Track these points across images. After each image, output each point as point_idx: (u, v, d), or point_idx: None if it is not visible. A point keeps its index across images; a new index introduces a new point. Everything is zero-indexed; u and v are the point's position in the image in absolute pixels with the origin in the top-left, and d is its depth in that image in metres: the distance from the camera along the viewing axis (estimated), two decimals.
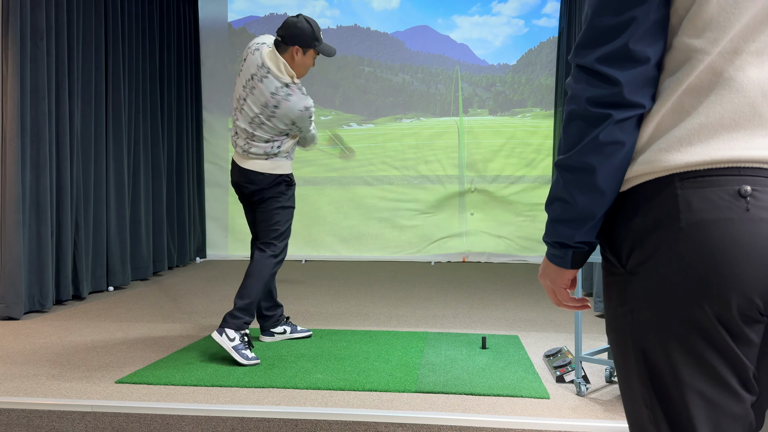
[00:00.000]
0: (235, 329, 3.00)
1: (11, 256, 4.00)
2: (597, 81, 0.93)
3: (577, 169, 0.96)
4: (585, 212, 0.97)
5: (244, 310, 3.04)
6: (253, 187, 3.20)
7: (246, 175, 3.20)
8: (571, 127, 0.96)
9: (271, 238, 3.20)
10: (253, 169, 3.18)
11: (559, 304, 1.12)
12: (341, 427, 2.30)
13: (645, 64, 0.92)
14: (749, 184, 0.87)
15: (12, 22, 4.01)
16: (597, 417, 2.31)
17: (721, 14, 0.89)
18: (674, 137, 0.92)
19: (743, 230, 0.86)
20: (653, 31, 0.91)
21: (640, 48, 0.91)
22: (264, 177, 3.19)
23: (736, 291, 0.86)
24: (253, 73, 3.12)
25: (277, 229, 3.21)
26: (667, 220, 0.90)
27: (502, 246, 6.94)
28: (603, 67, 0.92)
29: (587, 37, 0.94)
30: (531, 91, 6.98)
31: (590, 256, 1.70)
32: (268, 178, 3.19)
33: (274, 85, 3.08)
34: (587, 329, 3.73)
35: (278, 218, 3.22)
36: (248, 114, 3.13)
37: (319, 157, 7.21)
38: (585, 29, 0.95)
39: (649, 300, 0.91)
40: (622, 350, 0.97)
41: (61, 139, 4.50)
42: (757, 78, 0.90)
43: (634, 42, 0.91)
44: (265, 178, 3.19)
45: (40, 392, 2.57)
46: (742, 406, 0.90)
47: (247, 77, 3.14)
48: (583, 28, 0.96)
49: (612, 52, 0.91)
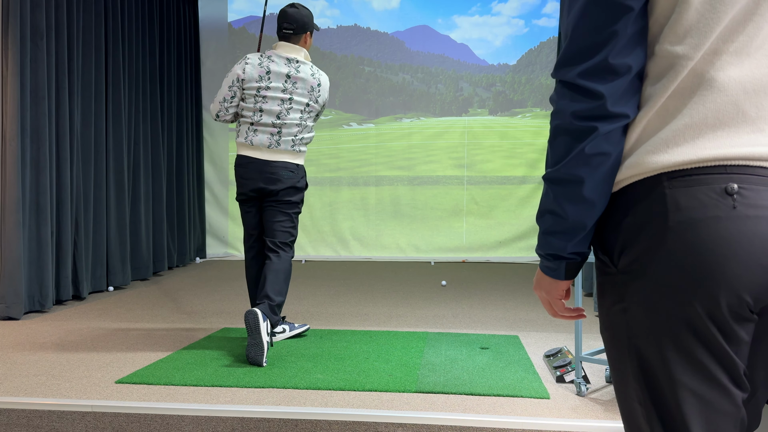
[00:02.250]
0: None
1: (11, 256, 4.00)
2: (580, 96, 0.94)
3: (565, 181, 0.97)
4: (576, 223, 0.99)
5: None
6: (282, 184, 3.29)
7: (275, 169, 3.28)
8: (558, 141, 0.98)
9: (289, 240, 3.34)
10: (285, 160, 3.31)
11: (555, 315, 1.14)
12: (341, 427, 2.30)
13: (626, 74, 0.93)
14: (736, 182, 0.88)
15: (12, 22, 4.01)
16: (597, 417, 2.31)
17: (701, 20, 0.90)
18: (660, 139, 0.93)
19: (730, 228, 0.87)
20: (633, 42, 0.93)
21: (621, 60, 0.92)
22: (297, 169, 3.34)
23: (725, 289, 0.87)
24: (287, 72, 3.29)
25: (293, 231, 3.38)
26: (656, 219, 0.91)
27: (501, 246, 6.95)
28: (585, 82, 0.93)
29: (568, 54, 0.95)
30: (531, 91, 6.98)
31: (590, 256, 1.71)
32: (301, 171, 3.36)
33: (308, 70, 3.35)
34: (587, 329, 3.73)
35: (297, 219, 3.42)
36: (296, 107, 3.30)
37: (319, 157, 7.21)
38: (566, 45, 0.96)
39: (640, 299, 0.93)
40: (616, 349, 0.98)
41: (61, 139, 4.50)
42: (738, 76, 0.91)
43: (614, 55, 0.92)
44: (299, 170, 3.35)
45: (40, 392, 2.57)
46: (734, 404, 0.91)
47: (281, 78, 3.28)
48: (564, 45, 0.97)
49: (593, 66, 0.93)
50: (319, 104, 3.39)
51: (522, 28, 6.97)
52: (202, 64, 7.17)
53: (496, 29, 7.01)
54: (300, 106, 3.31)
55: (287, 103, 3.28)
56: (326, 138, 7.20)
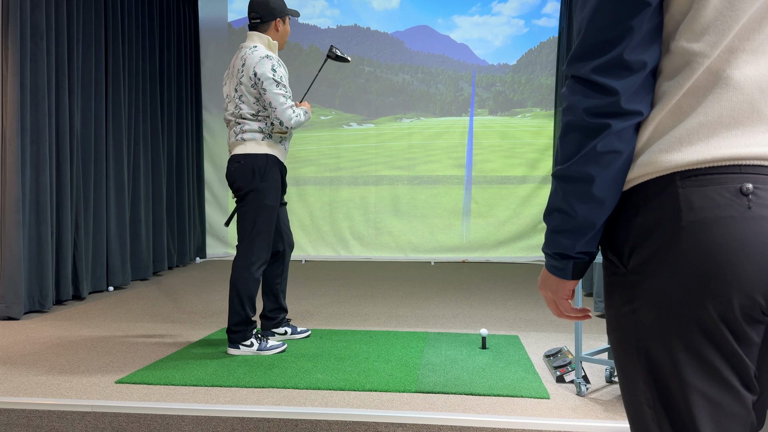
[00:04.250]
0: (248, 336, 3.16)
1: (11, 256, 4.00)
2: (593, 92, 0.92)
3: (575, 179, 0.95)
4: (585, 222, 0.97)
5: (241, 323, 3.15)
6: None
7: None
8: (569, 138, 0.96)
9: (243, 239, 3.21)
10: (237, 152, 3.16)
11: (560, 315, 1.11)
12: (341, 427, 2.30)
13: (641, 71, 0.91)
14: (751, 182, 0.87)
15: (12, 22, 4.01)
16: (597, 417, 2.31)
17: (719, 18, 0.89)
18: (674, 137, 0.91)
19: (745, 228, 0.85)
20: (649, 39, 0.91)
21: (636, 56, 0.90)
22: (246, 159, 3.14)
23: (738, 290, 0.86)
24: (233, 64, 3.18)
25: (246, 228, 3.22)
26: (668, 219, 0.89)
27: (502, 246, 6.94)
28: (599, 77, 0.91)
29: (582, 49, 0.93)
30: (531, 91, 6.98)
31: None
32: (250, 159, 3.13)
33: (248, 53, 3.12)
34: (587, 329, 3.73)
35: (250, 215, 3.21)
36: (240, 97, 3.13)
37: (319, 157, 7.21)
38: (580, 40, 0.94)
39: (651, 300, 0.91)
40: (624, 350, 0.97)
41: (61, 139, 4.50)
42: (754, 75, 0.89)
43: (630, 51, 0.90)
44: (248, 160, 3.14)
45: (40, 392, 2.57)
46: (744, 406, 0.90)
47: (233, 72, 3.18)
48: (578, 40, 0.95)
49: (608, 62, 0.91)
50: (244, 84, 3.08)
51: (522, 28, 6.97)
52: (202, 64, 7.17)
53: (496, 29, 7.01)
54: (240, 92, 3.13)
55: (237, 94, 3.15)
56: (326, 138, 7.20)
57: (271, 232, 3.16)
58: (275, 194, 3.14)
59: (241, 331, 3.11)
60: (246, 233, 3.13)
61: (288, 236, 3.40)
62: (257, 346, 3.15)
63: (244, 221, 3.13)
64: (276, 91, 3.05)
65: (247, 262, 3.10)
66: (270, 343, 3.18)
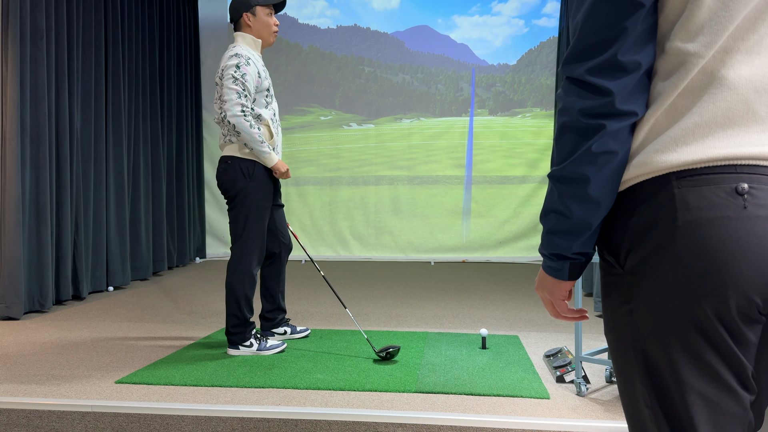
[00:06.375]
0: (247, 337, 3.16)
1: (11, 256, 4.00)
2: (588, 93, 0.93)
3: (571, 180, 0.96)
4: (581, 223, 0.97)
5: (239, 325, 3.15)
6: None
7: None
8: (564, 139, 0.96)
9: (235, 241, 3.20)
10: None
11: (558, 315, 1.12)
12: (341, 427, 2.30)
13: (635, 72, 0.91)
14: (746, 181, 0.87)
15: (12, 22, 4.01)
16: (597, 417, 2.31)
17: (713, 18, 0.89)
18: (669, 137, 0.92)
19: (740, 228, 0.86)
20: (643, 39, 0.91)
21: (630, 57, 0.91)
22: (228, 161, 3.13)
23: (734, 290, 0.86)
24: None
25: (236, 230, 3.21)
26: (664, 219, 0.90)
27: (502, 246, 6.94)
28: (594, 78, 0.92)
29: (577, 50, 0.94)
30: (531, 91, 6.98)
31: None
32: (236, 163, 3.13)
33: (226, 52, 3.12)
34: (587, 329, 3.73)
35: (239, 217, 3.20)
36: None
37: (319, 157, 7.21)
38: (574, 42, 0.94)
39: (648, 300, 0.91)
40: (622, 351, 0.97)
41: (61, 139, 4.50)
42: (749, 75, 0.90)
43: (624, 52, 0.90)
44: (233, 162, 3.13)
45: (40, 392, 2.57)
46: (741, 406, 0.90)
47: None
48: (572, 41, 0.95)
49: (602, 63, 0.91)
50: (220, 84, 3.06)
51: (522, 28, 6.97)
52: (202, 64, 7.17)
53: (496, 29, 7.01)
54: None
55: None
56: (326, 138, 7.19)
57: (263, 232, 3.13)
58: (265, 194, 3.11)
59: (239, 333, 3.11)
60: (238, 234, 3.10)
61: (285, 238, 3.39)
62: (257, 346, 3.15)
63: (235, 222, 3.11)
64: (231, 86, 3.00)
65: (240, 264, 3.08)
66: (269, 342, 3.18)
